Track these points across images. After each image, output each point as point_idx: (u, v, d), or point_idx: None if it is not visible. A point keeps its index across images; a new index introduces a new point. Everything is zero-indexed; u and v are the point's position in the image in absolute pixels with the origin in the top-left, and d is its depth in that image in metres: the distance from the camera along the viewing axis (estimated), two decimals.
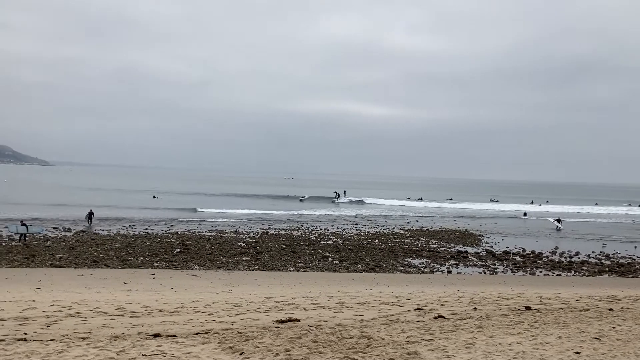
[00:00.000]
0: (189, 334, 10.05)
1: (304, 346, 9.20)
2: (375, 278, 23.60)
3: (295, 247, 33.07)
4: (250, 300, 14.72)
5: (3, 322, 11.03)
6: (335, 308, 13.56)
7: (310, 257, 29.63)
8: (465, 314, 12.92)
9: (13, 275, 21.35)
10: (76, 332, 10.13)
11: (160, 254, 28.80)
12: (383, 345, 9.45)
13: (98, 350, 8.56)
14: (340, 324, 11.32)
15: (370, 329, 10.82)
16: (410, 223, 53.64)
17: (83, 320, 11.46)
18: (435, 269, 27.92)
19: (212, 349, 8.91)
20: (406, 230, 46.16)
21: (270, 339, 9.60)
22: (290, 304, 14.21)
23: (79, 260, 25.85)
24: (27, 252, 27.28)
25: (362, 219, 57.14)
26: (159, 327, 10.81)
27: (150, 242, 32.88)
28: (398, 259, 30.46)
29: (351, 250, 32.49)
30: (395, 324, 11.48)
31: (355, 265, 27.98)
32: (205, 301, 14.56)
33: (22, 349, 8.59)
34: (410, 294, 16.76)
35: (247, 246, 32.63)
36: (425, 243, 37.71)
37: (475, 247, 37.07)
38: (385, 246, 35.14)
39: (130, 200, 71.36)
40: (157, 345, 9.00)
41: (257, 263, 27.30)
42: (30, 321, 11.16)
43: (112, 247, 30.35)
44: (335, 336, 10.03)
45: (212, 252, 30.07)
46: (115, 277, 21.39)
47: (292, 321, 11.39)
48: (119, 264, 25.50)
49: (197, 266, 25.88)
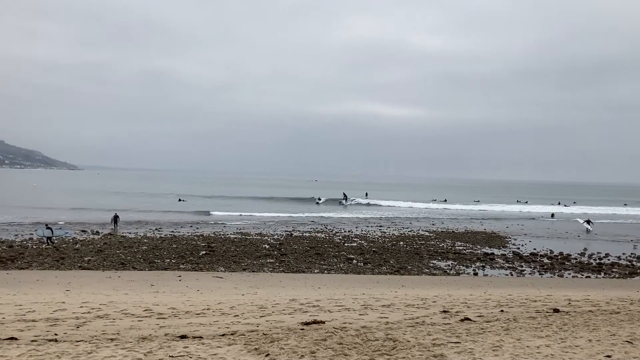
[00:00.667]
0: (215, 336, 10.13)
1: (329, 348, 9.19)
2: (400, 280, 23.48)
3: (320, 249, 33.09)
4: (275, 302, 14.77)
5: (35, 322, 11.26)
6: (360, 310, 13.52)
7: (335, 259, 29.61)
8: (492, 317, 12.77)
9: (44, 277, 21.81)
10: (105, 333, 10.30)
11: (186, 256, 29.10)
12: (409, 347, 9.39)
13: (126, 352, 8.68)
14: (366, 326, 11.28)
15: (396, 331, 10.76)
16: (435, 225, 53.24)
17: (111, 321, 11.64)
18: (461, 271, 27.66)
19: (238, 351, 8.96)
20: (431, 232, 45.83)
21: (296, 341, 9.62)
22: (315, 306, 14.22)
23: (107, 263, 26.27)
24: (57, 255, 27.82)
25: (386, 221, 56.91)
26: (185, 328, 10.92)
27: (176, 244, 33.25)
28: (423, 261, 30.25)
29: (375, 253, 32.38)
30: (421, 326, 11.40)
31: (380, 267, 27.87)
32: (231, 303, 14.66)
33: (53, 349, 8.76)
34: (436, 297, 16.63)
35: (271, 248, 32.76)
36: (451, 245, 37.38)
37: (502, 248, 36.61)
38: (410, 248, 34.94)
39: (156, 204, 72.30)
40: (183, 347, 9.09)
41: (282, 265, 27.39)
42: (61, 322, 11.38)
43: (139, 249, 30.78)
44: (361, 338, 10.00)
45: (237, 254, 30.26)
46: (142, 279, 21.68)
47: (317, 323, 11.39)
48: (146, 266, 25.83)
49: (222, 268, 26.07)
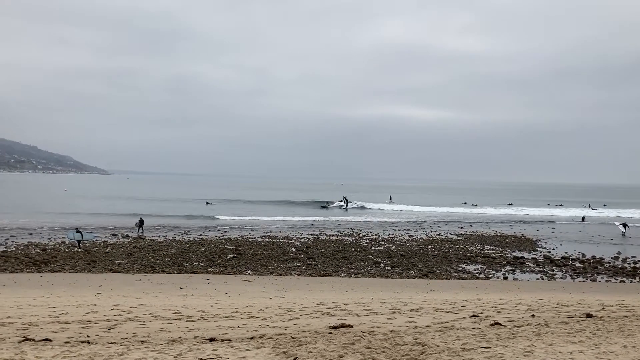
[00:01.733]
0: (244, 339, 10.18)
1: (358, 352, 9.15)
2: (429, 284, 23.28)
3: (347, 252, 33.02)
4: (303, 306, 14.78)
5: (67, 324, 11.49)
6: (388, 314, 13.44)
7: (362, 263, 29.51)
8: (523, 321, 12.55)
9: (76, 280, 22.24)
10: (135, 336, 10.43)
11: (214, 259, 29.36)
12: (438, 352, 9.29)
13: (156, 354, 8.78)
14: (394, 330, 11.21)
15: (425, 335, 10.66)
16: (464, 228, 52.68)
17: (142, 324, 11.79)
18: (491, 275, 27.28)
19: (266, 354, 8.98)
20: (460, 235, 45.36)
21: (324, 345, 9.60)
22: (343, 309, 14.19)
23: (136, 266, 26.66)
24: (88, 258, 28.35)
25: (414, 224, 56.54)
26: (214, 331, 11.00)
27: (204, 248, 33.57)
28: (452, 264, 29.94)
29: (403, 256, 32.17)
30: (450, 330, 11.27)
31: (408, 271, 27.68)
32: (259, 306, 14.72)
33: (85, 350, 8.91)
34: (465, 301, 16.43)
35: (298, 252, 32.83)
36: (480, 248, 36.92)
37: (532, 252, 36.02)
38: (438, 252, 34.63)
39: (185, 208, 73.15)
40: (212, 350, 9.15)
41: (309, 268, 27.41)
42: (93, 324, 11.58)
43: (168, 253, 31.16)
44: (389, 342, 9.93)
45: (265, 257, 30.41)
46: (171, 282, 21.94)
47: (345, 327, 11.35)
48: (175, 270, 26.13)
49: (250, 271, 26.22)
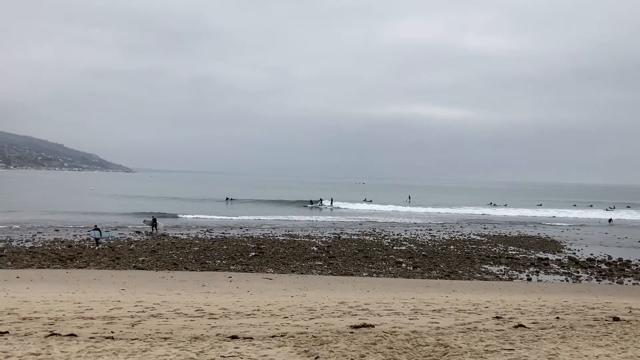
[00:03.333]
0: (265, 337, 10.21)
1: (379, 352, 9.12)
2: (451, 285, 23.09)
3: (368, 252, 32.92)
4: (324, 305, 14.78)
5: (92, 320, 11.66)
6: (410, 315, 13.37)
7: (383, 263, 29.39)
8: (547, 324, 12.38)
9: (100, 276, 22.57)
10: (158, 332, 10.54)
11: (236, 257, 29.53)
12: (460, 354, 9.21)
13: (179, 351, 8.86)
14: (416, 330, 11.14)
15: (447, 336, 10.58)
16: (487, 229, 52.13)
17: (165, 320, 11.91)
18: (514, 276, 26.95)
19: (288, 352, 9.00)
20: (483, 236, 44.89)
21: (345, 344, 9.59)
22: (364, 309, 14.15)
23: (160, 263, 26.94)
24: (113, 255, 28.74)
25: (436, 224, 56.16)
26: (236, 329, 11.06)
27: (226, 245, 33.79)
28: (475, 265, 29.65)
29: (425, 256, 31.96)
30: (473, 332, 11.16)
31: (430, 271, 27.49)
32: (280, 304, 14.76)
33: (109, 346, 9.03)
34: (488, 302, 16.26)
35: (319, 251, 32.83)
36: (503, 249, 36.49)
37: (557, 253, 35.47)
38: (461, 252, 34.32)
39: (206, 206, 73.76)
40: (234, 347, 9.20)
41: (330, 267, 27.40)
42: (117, 320, 11.73)
43: (191, 250, 31.43)
44: (411, 343, 9.88)
45: (286, 256, 30.48)
46: (194, 280, 22.12)
47: (367, 327, 11.33)
48: (198, 267, 26.34)
49: (271, 270, 26.31)
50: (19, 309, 12.86)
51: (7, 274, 22.32)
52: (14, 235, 35.69)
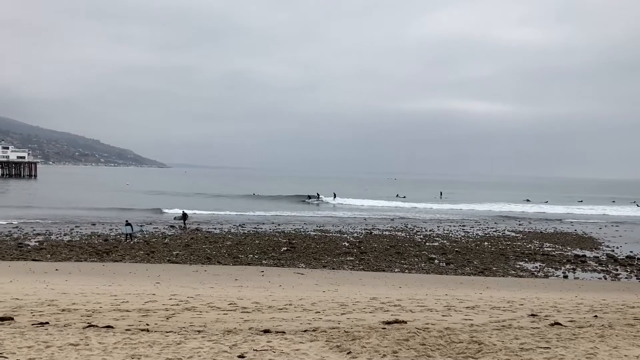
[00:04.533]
0: (297, 331, 10.24)
1: (412, 348, 9.04)
2: (485, 282, 22.77)
3: (400, 248, 32.72)
4: (356, 300, 14.75)
5: (128, 313, 11.88)
6: (443, 311, 13.23)
7: (416, 259, 29.17)
8: (585, 322, 12.08)
9: (136, 270, 23.01)
10: (192, 325, 10.68)
11: (268, 252, 29.73)
12: (495, 351, 9.06)
13: (212, 344, 8.95)
14: (449, 327, 11.02)
15: (481, 334, 10.43)
16: (522, 225, 51.23)
17: (198, 314, 12.06)
18: (550, 273, 26.41)
19: (320, 347, 9.00)
20: (517, 232, 44.11)
21: (377, 340, 9.54)
22: (396, 305, 14.07)
23: (193, 257, 27.32)
24: (148, 249, 29.26)
25: (470, 220, 55.46)
26: (268, 323, 11.13)
27: (258, 240, 34.04)
28: (509, 262, 29.16)
29: (458, 253, 31.59)
30: (508, 329, 10.98)
31: (463, 268, 27.16)
32: (312, 299, 14.79)
33: (145, 338, 9.18)
34: (523, 299, 15.98)
35: (351, 246, 32.78)
36: (539, 246, 35.80)
37: (595, 251, 34.61)
38: (495, 249, 33.81)
39: (237, 201, 74.40)
40: (267, 341, 9.25)
41: (362, 263, 27.33)
42: (152, 313, 11.93)
43: (224, 245, 31.78)
44: (444, 340, 9.77)
45: (317, 251, 30.54)
46: (227, 274, 22.37)
47: (399, 323, 11.25)
48: (230, 261, 26.62)
49: (303, 264, 26.39)
50: (59, 300, 13.21)
51: (47, 267, 22.97)
52: (53, 229, 36.67)
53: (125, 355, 8.05)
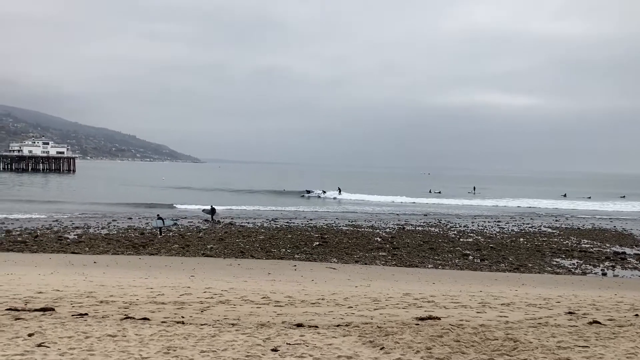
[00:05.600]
0: (330, 326, 10.25)
1: (446, 345, 8.96)
2: (520, 278, 22.40)
3: (433, 244, 32.42)
4: (389, 296, 14.69)
5: (164, 305, 12.09)
6: (477, 308, 13.06)
7: (449, 255, 28.87)
8: (625, 321, 11.75)
9: (171, 263, 23.40)
10: (226, 319, 10.80)
11: (300, 246, 29.84)
12: (531, 349, 8.90)
13: (246, 337, 9.04)
14: (484, 324, 10.87)
15: (517, 331, 10.26)
16: (559, 221, 50.18)
17: (232, 307, 12.19)
18: (588, 270, 25.80)
19: (353, 342, 8.99)
20: (554, 228, 43.21)
21: (411, 336, 9.48)
22: (430, 301, 13.96)
23: (227, 251, 27.62)
24: (182, 242, 29.71)
25: (505, 216, 54.59)
26: (301, 317, 11.17)
27: (291, 235, 34.21)
28: (545, 258, 28.60)
29: (493, 249, 31.12)
30: (544, 327, 10.77)
31: (498, 264, 26.76)
32: (344, 294, 14.79)
33: (180, 330, 9.33)
34: (560, 297, 15.65)
35: (383, 241, 32.64)
36: (576, 242, 35.00)
37: (635, 248, 33.64)
38: (530, 245, 33.19)
39: (268, 195, 74.89)
40: (300, 335, 9.29)
41: (394, 259, 27.19)
42: (187, 306, 12.11)
43: (257, 239, 32.03)
44: (479, 337, 9.64)
45: (350, 246, 30.50)
46: (260, 268, 22.55)
47: (433, 319, 11.16)
48: (263, 255, 26.82)
49: (335, 259, 26.40)
50: (97, 292, 13.53)
51: (86, 259, 23.54)
52: (91, 223, 37.56)
53: (161, 346, 8.19)
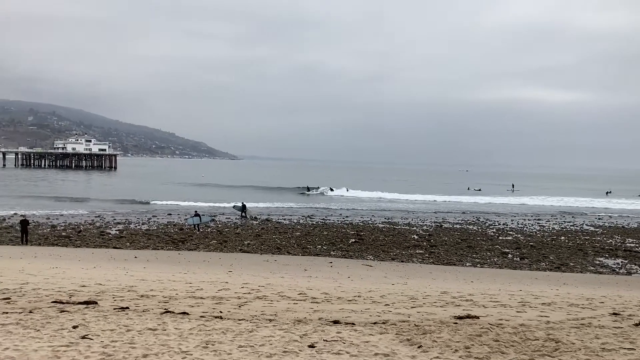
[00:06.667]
0: (367, 323, 10.21)
1: (485, 344, 8.81)
2: (562, 278, 21.88)
3: (472, 241, 31.97)
4: (426, 294, 14.54)
5: (202, 300, 12.26)
6: (517, 307, 12.81)
7: (488, 253, 28.41)
8: None
9: (209, 258, 23.74)
10: (264, 314, 10.88)
11: (336, 243, 29.85)
12: (573, 350, 8.67)
13: (283, 332, 9.08)
14: (524, 324, 10.65)
15: (558, 331, 10.02)
16: (602, 219, 48.81)
17: (269, 303, 12.27)
18: (634, 270, 25.02)
19: (390, 340, 8.93)
20: (597, 227, 42.04)
21: (449, 335, 9.36)
22: (468, 300, 13.75)
23: (264, 247, 27.85)
24: (220, 238, 30.10)
25: (545, 214, 53.40)
26: (337, 314, 11.16)
27: (327, 231, 34.25)
28: (588, 258, 27.86)
29: (533, 247, 30.49)
30: (587, 328, 10.48)
31: (538, 263, 26.20)
32: (381, 292, 14.71)
33: (218, 325, 9.44)
34: (604, 297, 15.21)
35: (420, 239, 32.36)
36: (621, 242, 33.97)
37: None
38: (572, 244, 32.39)
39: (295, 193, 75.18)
40: (337, 332, 9.28)
41: (432, 256, 26.93)
42: (225, 301, 12.25)
43: (293, 235, 32.19)
44: (519, 337, 9.46)
45: (386, 243, 30.35)
46: (296, 264, 22.65)
47: (471, 318, 10.99)
48: (299, 252, 26.94)
49: (371, 257, 26.31)
50: (137, 286, 13.82)
51: (127, 254, 24.10)
52: (132, 219, 38.42)
53: (200, 341, 8.30)
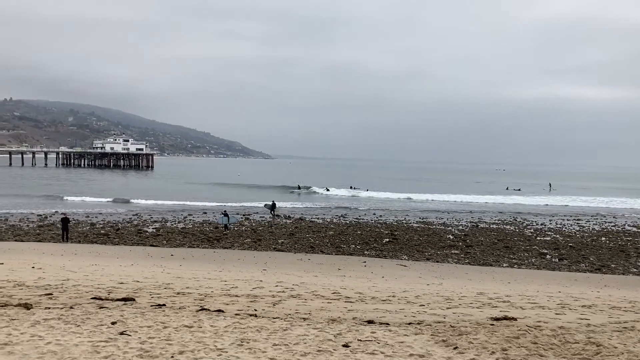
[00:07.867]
0: (402, 324, 10.12)
1: (523, 347, 8.63)
2: (603, 279, 21.29)
3: (508, 242, 31.39)
4: (462, 295, 14.35)
5: (237, 298, 12.37)
6: (556, 309, 12.51)
7: (526, 254, 27.86)
8: None
9: (244, 256, 23.95)
10: (298, 313, 10.90)
11: (370, 242, 29.73)
12: (615, 354, 8.41)
13: (317, 331, 9.07)
14: (563, 326, 10.39)
15: (599, 335, 9.74)
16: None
17: (303, 301, 12.29)
18: None
19: (425, 341, 8.83)
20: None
21: (485, 336, 9.20)
22: (505, 301, 13.51)
23: (298, 246, 27.94)
24: (255, 237, 30.33)
25: (584, 214, 52.07)
26: (372, 314, 11.10)
27: (360, 230, 34.15)
28: (630, 259, 27.04)
29: (573, 248, 29.76)
30: (630, 332, 10.16)
31: (578, 264, 25.56)
32: (416, 292, 14.58)
33: (253, 323, 9.50)
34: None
35: (456, 239, 31.95)
36: None
37: None
38: (613, 245, 31.48)
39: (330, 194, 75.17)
40: (371, 332, 9.23)
41: (467, 257, 26.55)
42: (259, 299, 12.33)
43: (327, 234, 32.20)
44: (558, 339, 9.23)
45: (420, 243, 30.07)
46: (330, 263, 22.65)
47: (508, 319, 10.79)
48: (333, 251, 26.93)
49: (405, 256, 26.11)
50: (174, 284, 14.03)
51: (163, 252, 24.51)
52: (168, 217, 39.06)
53: (235, 338, 8.36)
